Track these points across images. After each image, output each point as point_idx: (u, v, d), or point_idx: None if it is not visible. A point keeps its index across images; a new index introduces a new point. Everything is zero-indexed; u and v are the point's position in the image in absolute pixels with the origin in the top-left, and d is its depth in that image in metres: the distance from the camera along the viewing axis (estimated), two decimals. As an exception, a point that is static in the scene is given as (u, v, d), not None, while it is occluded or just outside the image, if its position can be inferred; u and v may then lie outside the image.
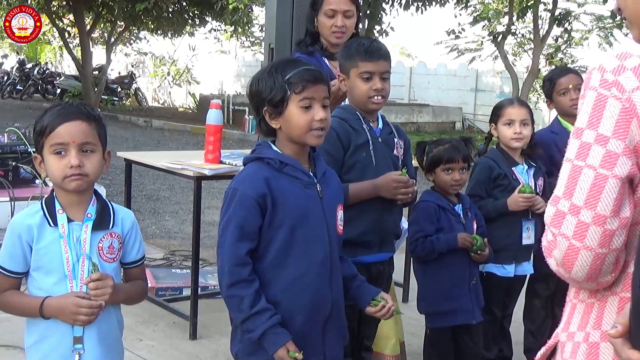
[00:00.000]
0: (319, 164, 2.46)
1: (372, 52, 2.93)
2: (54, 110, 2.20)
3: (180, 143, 14.18)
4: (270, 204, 2.28)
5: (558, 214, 1.46)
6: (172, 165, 4.37)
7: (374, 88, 2.93)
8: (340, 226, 2.47)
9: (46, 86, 22.60)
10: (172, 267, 5.65)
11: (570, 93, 3.91)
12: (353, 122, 2.97)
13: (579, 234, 1.42)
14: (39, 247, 2.17)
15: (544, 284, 4.03)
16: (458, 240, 3.30)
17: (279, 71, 2.35)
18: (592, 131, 1.44)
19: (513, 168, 3.72)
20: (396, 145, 3.09)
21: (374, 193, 2.94)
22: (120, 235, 2.30)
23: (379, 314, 2.52)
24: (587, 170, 1.43)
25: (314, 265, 2.35)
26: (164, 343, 4.27)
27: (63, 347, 2.21)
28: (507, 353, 3.93)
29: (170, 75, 24.80)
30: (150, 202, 8.50)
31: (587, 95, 1.48)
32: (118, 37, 21.29)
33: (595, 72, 1.48)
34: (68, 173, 2.16)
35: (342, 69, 3.03)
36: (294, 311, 2.34)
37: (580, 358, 1.47)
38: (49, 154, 2.17)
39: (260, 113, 2.38)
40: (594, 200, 1.41)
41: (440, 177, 3.39)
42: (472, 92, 19.60)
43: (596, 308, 1.48)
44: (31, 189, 5.08)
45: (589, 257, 1.42)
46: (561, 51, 16.37)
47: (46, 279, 2.20)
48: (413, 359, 4.24)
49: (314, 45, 3.66)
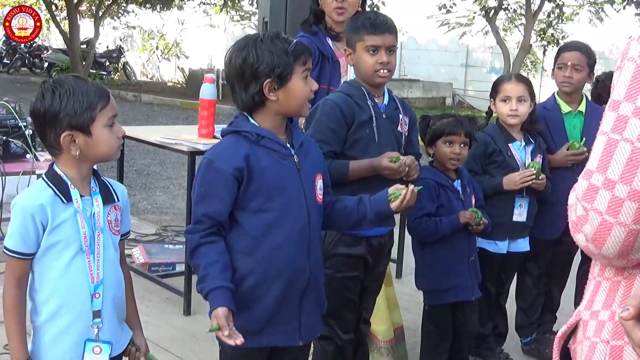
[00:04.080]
0: (296, 135, 2.46)
1: (379, 25, 2.91)
2: (86, 84, 2.15)
3: (170, 118, 14.11)
4: (246, 176, 2.30)
5: (591, 188, 1.40)
6: (165, 140, 4.33)
7: (380, 61, 2.91)
8: (319, 195, 2.48)
9: (33, 60, 22.38)
10: (165, 243, 5.63)
11: (566, 69, 3.87)
12: (358, 97, 2.95)
13: (612, 209, 1.37)
14: (54, 226, 2.13)
15: (535, 262, 4.04)
16: (460, 220, 3.29)
17: (277, 43, 2.32)
18: (630, 104, 1.38)
19: (509, 144, 3.70)
20: (401, 122, 3.06)
21: (373, 172, 2.92)
22: (122, 207, 2.31)
23: (405, 201, 2.47)
24: (624, 143, 1.37)
25: (292, 235, 2.37)
26: (158, 319, 4.26)
27: (81, 323, 2.19)
28: (503, 329, 3.95)
29: (158, 49, 24.61)
30: (141, 178, 8.45)
31: (625, 67, 1.41)
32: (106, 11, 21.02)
33: (634, 42, 1.41)
34: (120, 143, 2.24)
35: (349, 43, 3.00)
36: (272, 279, 2.37)
37: (605, 337, 1.44)
38: (103, 126, 2.15)
39: (251, 86, 2.32)
40: (630, 174, 1.35)
41: (441, 150, 3.37)
42: (462, 68, 19.58)
43: (623, 286, 1.45)
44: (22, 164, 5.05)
45: (622, 233, 1.37)
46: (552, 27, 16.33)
47: (61, 256, 2.16)
48: (408, 334, 4.25)
49: (319, 25, 3.61)
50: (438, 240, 3.33)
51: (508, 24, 17.20)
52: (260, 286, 2.36)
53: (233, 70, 2.36)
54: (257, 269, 2.36)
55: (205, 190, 2.34)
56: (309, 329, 2.50)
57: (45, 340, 2.20)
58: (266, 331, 2.40)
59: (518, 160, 3.69)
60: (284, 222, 2.36)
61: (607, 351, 1.43)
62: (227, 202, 2.33)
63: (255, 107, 2.38)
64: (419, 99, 17.95)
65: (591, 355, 1.46)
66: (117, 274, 2.29)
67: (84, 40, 21.12)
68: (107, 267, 2.23)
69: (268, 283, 2.37)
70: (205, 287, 2.29)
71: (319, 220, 2.51)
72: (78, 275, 2.18)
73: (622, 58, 1.45)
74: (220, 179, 2.31)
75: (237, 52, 2.35)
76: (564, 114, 3.93)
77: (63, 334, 2.19)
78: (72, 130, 2.12)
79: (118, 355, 2.32)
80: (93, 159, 2.21)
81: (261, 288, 2.36)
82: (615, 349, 1.43)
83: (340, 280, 2.94)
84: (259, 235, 2.35)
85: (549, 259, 4.07)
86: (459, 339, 3.48)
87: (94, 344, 2.21)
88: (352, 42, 2.97)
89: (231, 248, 2.36)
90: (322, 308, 2.58)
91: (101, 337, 2.22)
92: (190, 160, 4.23)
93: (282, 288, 2.38)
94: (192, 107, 15.15)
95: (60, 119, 2.11)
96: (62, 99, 2.11)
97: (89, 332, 2.21)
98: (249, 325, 2.35)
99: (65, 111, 2.10)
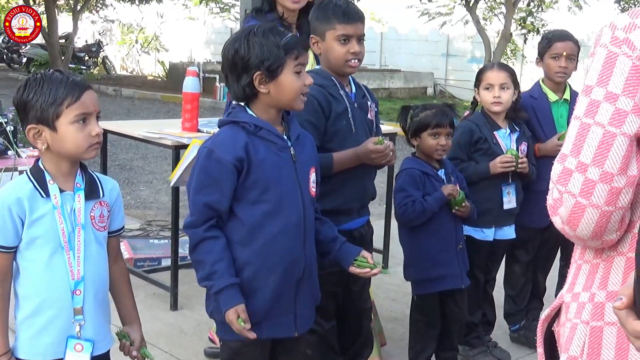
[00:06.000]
0: (292, 127, 2.48)
1: (350, 15, 2.89)
2: (59, 79, 2.11)
3: (151, 112, 14.02)
4: (245, 167, 2.32)
5: (565, 172, 1.45)
6: (149, 134, 4.30)
7: (351, 51, 2.88)
8: (313, 188, 2.50)
9: (11, 55, 22.13)
10: (150, 238, 5.61)
11: (561, 59, 3.88)
12: (330, 88, 2.91)
13: (585, 191, 1.41)
14: (32, 220, 2.12)
15: (524, 249, 4.06)
16: (444, 191, 3.30)
17: (268, 36, 2.33)
18: (602, 89, 1.42)
19: (495, 132, 3.72)
20: (370, 109, 3.06)
21: (357, 161, 2.93)
22: (109, 203, 2.28)
23: (362, 274, 2.55)
24: (596, 127, 1.41)
25: (288, 226, 2.40)
26: (144, 314, 4.18)
27: (62, 320, 2.17)
28: (491, 317, 3.97)
29: (138, 43, 24.43)
30: (123, 172, 8.40)
31: (598, 53, 1.46)
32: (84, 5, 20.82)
33: (606, 29, 1.46)
34: (93, 142, 2.15)
35: (316, 31, 2.95)
36: (268, 271, 2.39)
37: (585, 318, 1.47)
38: (69, 123, 2.10)
39: (242, 78, 2.35)
40: (602, 157, 1.40)
41: (427, 142, 3.36)
42: (443, 57, 19.58)
43: (602, 268, 1.48)
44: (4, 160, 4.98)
45: (595, 214, 1.41)
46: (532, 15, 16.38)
47: (41, 252, 2.14)
48: (396, 324, 4.27)
49: (271, 13, 3.50)
50: (424, 229, 3.34)
51: (488, 12, 17.21)
52: (257, 277, 2.38)
53: (226, 62, 2.40)
54: (253, 260, 2.38)
55: (205, 180, 2.35)
56: (303, 320, 2.52)
57: (27, 335, 2.19)
58: (265, 323, 2.42)
59: (503, 148, 3.71)
60: (280, 214, 2.38)
61: (587, 332, 1.47)
62: (227, 192, 2.34)
63: (249, 99, 2.40)
64: (400, 89, 17.96)
65: (572, 336, 1.50)
66: (100, 271, 2.25)
67: (63, 35, 20.91)
68: (89, 264, 2.20)
69: (265, 274, 2.39)
70: (214, 285, 2.32)
71: (313, 212, 2.53)
72: (58, 271, 2.16)
73: (595, 44, 1.49)
74: (221, 169, 2.33)
75: (230, 44, 2.39)
76: (552, 103, 3.96)
77: (44, 330, 2.18)
78: (38, 124, 2.11)
79: (104, 353, 2.30)
80: (61, 154, 2.16)
81: (258, 279, 2.38)
82: (595, 330, 1.46)
83: (323, 276, 2.94)
84: (255, 226, 2.37)
85: (536, 246, 4.09)
86: (449, 328, 3.49)
87: (75, 341, 2.20)
88: (320, 30, 2.93)
89: (228, 239, 2.38)
90: (316, 299, 2.60)
91: (83, 335, 2.20)
92: (175, 155, 4.20)
93: (278, 279, 2.40)
94: (173, 100, 15.08)
95: (27, 112, 2.11)
96: (29, 92, 2.10)
97: (71, 329, 2.19)
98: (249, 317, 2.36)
99: (30, 104, 2.10)
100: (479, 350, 3.83)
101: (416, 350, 3.51)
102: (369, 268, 2.52)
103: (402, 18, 18.93)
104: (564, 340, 1.53)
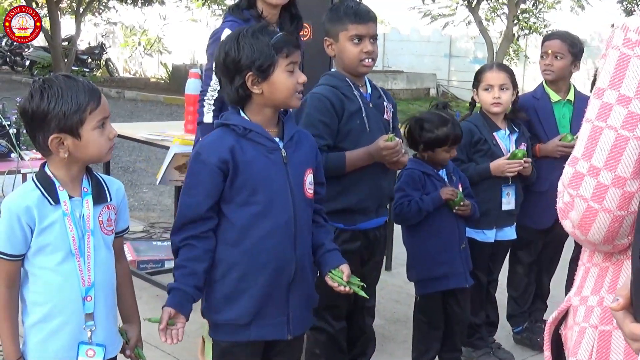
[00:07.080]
0: (287, 128, 2.47)
1: (363, 15, 2.93)
2: (76, 85, 2.08)
3: (154, 114, 14.03)
4: (231, 169, 2.34)
5: (576, 175, 1.43)
6: (152, 136, 4.31)
7: (364, 51, 2.93)
8: (309, 190, 2.49)
9: (14, 58, 22.15)
10: (153, 240, 5.61)
11: (547, 57, 3.92)
12: (344, 88, 2.96)
13: (597, 195, 1.39)
14: (42, 228, 2.10)
15: (526, 251, 4.05)
16: (442, 195, 3.30)
17: (258, 36, 2.34)
18: (614, 91, 1.39)
19: (494, 133, 3.72)
20: (386, 109, 3.09)
21: (370, 160, 2.95)
22: (116, 206, 2.27)
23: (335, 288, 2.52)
24: (608, 131, 1.39)
25: (277, 228, 2.40)
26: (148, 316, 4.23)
27: (72, 325, 2.17)
28: (494, 318, 3.96)
29: (141, 45, 24.45)
30: (126, 174, 8.41)
31: (610, 55, 1.43)
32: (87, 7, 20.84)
33: (618, 31, 1.43)
34: (111, 145, 2.18)
35: (329, 34, 2.99)
36: (256, 272, 2.40)
37: (593, 322, 1.46)
38: (92, 129, 2.09)
39: (235, 80, 2.36)
40: (614, 161, 1.38)
41: (440, 156, 3.38)
42: (445, 58, 19.57)
43: (611, 272, 1.46)
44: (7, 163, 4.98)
45: (607, 219, 1.39)
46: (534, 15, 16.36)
47: (51, 258, 2.13)
48: (399, 326, 4.26)
49: (250, 10, 3.31)
50: (427, 229, 3.35)
51: (490, 13, 17.20)
52: (246, 278, 2.40)
53: (218, 65, 2.42)
54: (242, 260, 2.39)
55: (190, 181, 2.40)
56: (297, 323, 2.51)
57: (36, 340, 2.18)
58: (254, 324, 2.43)
59: (503, 149, 3.72)
60: (269, 215, 2.38)
61: (595, 336, 1.45)
62: (212, 193, 2.36)
63: (243, 101, 2.41)
64: (402, 91, 17.94)
65: (580, 340, 1.48)
66: (109, 275, 2.26)
67: (66, 38, 20.91)
68: (99, 270, 2.20)
69: (253, 274, 2.40)
70: (169, 284, 2.40)
71: (308, 214, 2.52)
72: (68, 278, 2.15)
73: (606, 46, 1.46)
74: (204, 170, 2.36)
75: (221, 46, 2.41)
76: (554, 103, 3.96)
77: (54, 335, 2.17)
78: (61, 133, 2.07)
79: (113, 357, 2.30)
80: (83, 160, 2.16)
81: (246, 280, 2.40)
82: (603, 334, 1.44)
83: None
84: (245, 227, 2.38)
85: (540, 248, 4.09)
86: (452, 329, 3.49)
87: (87, 346, 2.19)
88: (333, 32, 2.97)
89: (217, 240, 2.40)
90: (312, 302, 2.59)
91: (95, 340, 2.20)
92: (177, 156, 4.20)
93: (267, 280, 2.40)
94: (176, 102, 15.08)
95: (49, 122, 2.06)
96: (50, 101, 2.05)
97: (82, 335, 2.18)
98: (237, 319, 2.41)
99: (53, 113, 2.05)
100: (483, 352, 3.83)
101: (419, 352, 3.51)
102: (338, 283, 2.49)
103: (405, 19, 18.93)
104: (572, 344, 1.51)
